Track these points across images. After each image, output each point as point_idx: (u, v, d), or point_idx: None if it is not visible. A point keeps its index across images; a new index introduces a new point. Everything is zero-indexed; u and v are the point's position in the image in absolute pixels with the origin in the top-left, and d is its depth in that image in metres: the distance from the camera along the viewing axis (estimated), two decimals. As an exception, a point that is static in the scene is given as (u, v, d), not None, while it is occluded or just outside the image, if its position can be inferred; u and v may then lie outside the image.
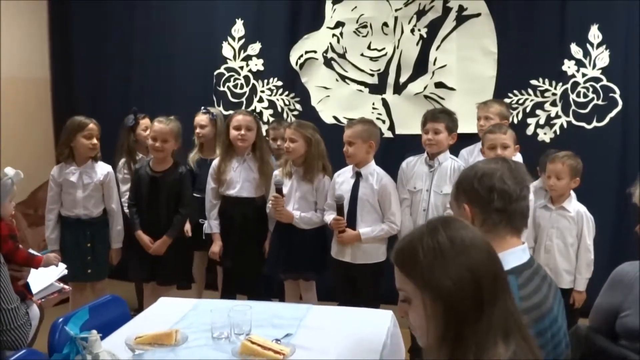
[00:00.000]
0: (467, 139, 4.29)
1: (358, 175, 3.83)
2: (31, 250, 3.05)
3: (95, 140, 3.92)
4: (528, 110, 4.73)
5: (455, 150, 4.02)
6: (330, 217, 3.84)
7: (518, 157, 3.78)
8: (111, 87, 5.53)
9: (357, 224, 3.80)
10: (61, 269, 3.25)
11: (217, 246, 4.11)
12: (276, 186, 3.92)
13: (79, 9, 5.57)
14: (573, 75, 4.64)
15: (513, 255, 1.75)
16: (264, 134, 4.46)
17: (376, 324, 2.73)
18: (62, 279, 3.22)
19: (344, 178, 3.89)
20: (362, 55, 4.99)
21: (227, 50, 5.22)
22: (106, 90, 5.54)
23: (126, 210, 4.20)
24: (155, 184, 3.99)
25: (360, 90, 5.02)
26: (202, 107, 4.53)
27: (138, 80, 5.45)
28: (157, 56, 5.39)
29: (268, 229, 4.10)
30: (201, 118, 4.45)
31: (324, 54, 5.06)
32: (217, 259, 4.14)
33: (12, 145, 4.92)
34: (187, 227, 4.23)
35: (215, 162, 4.15)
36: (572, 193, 3.72)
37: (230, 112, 4.56)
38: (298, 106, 5.13)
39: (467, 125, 4.32)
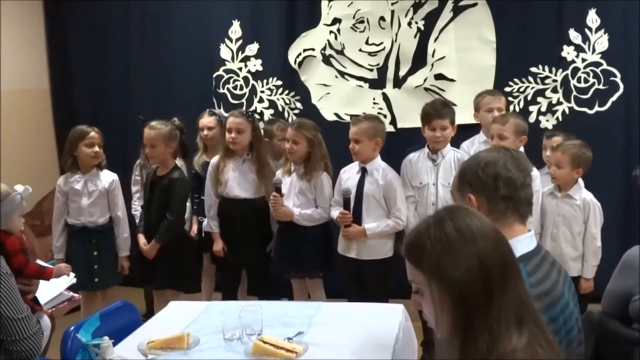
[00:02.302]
0: (468, 129, 4.28)
1: (364, 171, 3.81)
2: (39, 262, 3.06)
3: (97, 148, 3.91)
4: (529, 98, 4.71)
5: (455, 142, 3.98)
6: (336, 212, 3.83)
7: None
8: (111, 95, 5.53)
9: (363, 220, 3.78)
10: (70, 278, 3.27)
11: (218, 245, 4.09)
12: (275, 185, 3.91)
13: (75, 19, 5.57)
14: (573, 61, 4.63)
15: (520, 242, 1.74)
16: (270, 134, 4.40)
17: (388, 318, 2.73)
18: (71, 288, 3.24)
19: (349, 174, 3.88)
20: (360, 50, 4.97)
21: (225, 52, 5.21)
22: (106, 98, 5.54)
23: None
24: (152, 189, 3.99)
25: (360, 86, 5.00)
26: (208, 110, 4.52)
27: (137, 87, 5.45)
28: (155, 61, 5.38)
29: (272, 231, 4.09)
30: (209, 120, 4.42)
31: (322, 52, 5.05)
32: (222, 255, 4.11)
33: (16, 157, 4.93)
34: (194, 228, 4.24)
35: (213, 161, 4.12)
36: (581, 181, 3.65)
37: (232, 113, 4.55)
38: (299, 105, 5.12)
39: (468, 116, 4.31)
